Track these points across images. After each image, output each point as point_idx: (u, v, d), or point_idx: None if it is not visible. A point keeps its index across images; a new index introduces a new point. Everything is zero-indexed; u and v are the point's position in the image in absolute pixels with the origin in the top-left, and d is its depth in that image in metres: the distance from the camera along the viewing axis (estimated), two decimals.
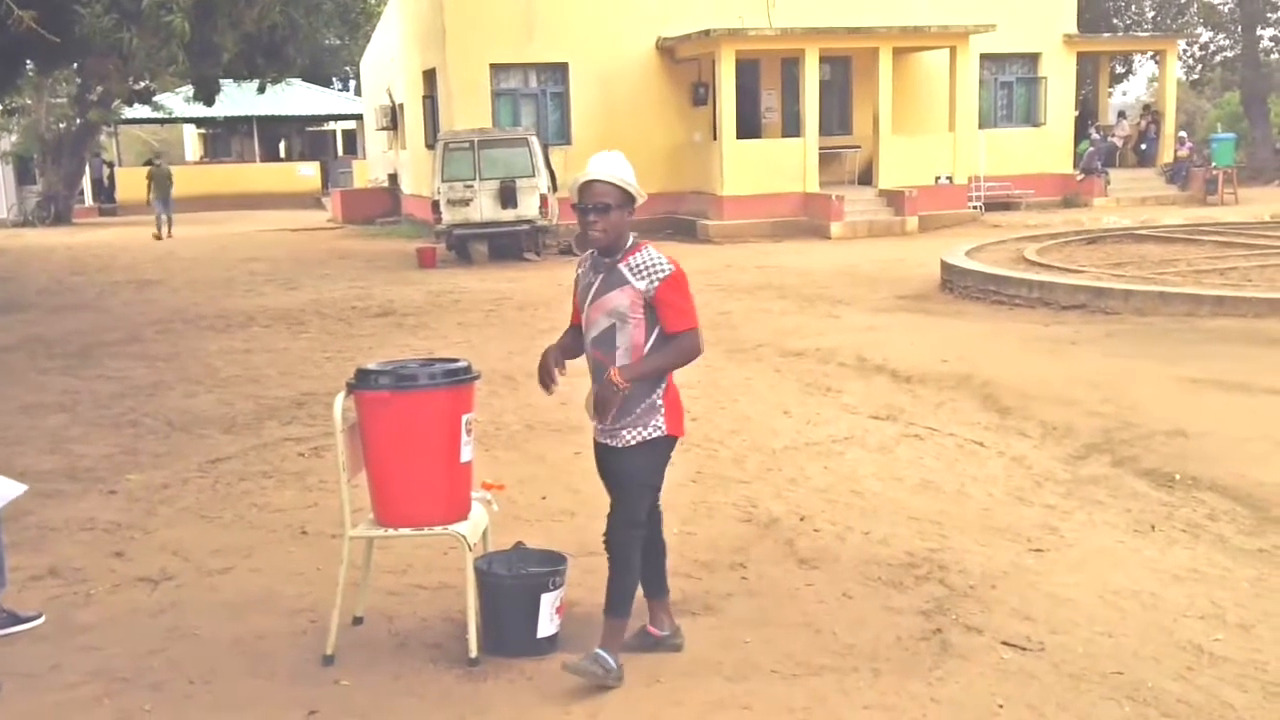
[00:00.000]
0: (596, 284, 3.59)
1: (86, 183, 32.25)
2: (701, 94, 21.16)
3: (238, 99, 28.06)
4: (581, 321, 3.67)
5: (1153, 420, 6.45)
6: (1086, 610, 4.08)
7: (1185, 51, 32.47)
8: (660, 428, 3.60)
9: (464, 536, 3.79)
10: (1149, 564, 4.53)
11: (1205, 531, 4.88)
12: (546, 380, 3.66)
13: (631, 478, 3.61)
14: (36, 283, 16.03)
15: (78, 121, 28.52)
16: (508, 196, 16.86)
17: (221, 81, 17.89)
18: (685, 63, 21.11)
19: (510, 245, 17.36)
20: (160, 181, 23.93)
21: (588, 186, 3.52)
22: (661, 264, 3.54)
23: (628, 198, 3.55)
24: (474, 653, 3.71)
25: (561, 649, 3.77)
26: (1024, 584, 4.34)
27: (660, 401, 3.61)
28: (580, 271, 3.69)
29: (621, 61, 20.77)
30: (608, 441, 3.66)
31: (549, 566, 3.90)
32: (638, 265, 3.54)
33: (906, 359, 8.49)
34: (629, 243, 3.59)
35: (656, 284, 3.51)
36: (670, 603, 3.91)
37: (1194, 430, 6.21)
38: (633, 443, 3.59)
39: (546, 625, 3.82)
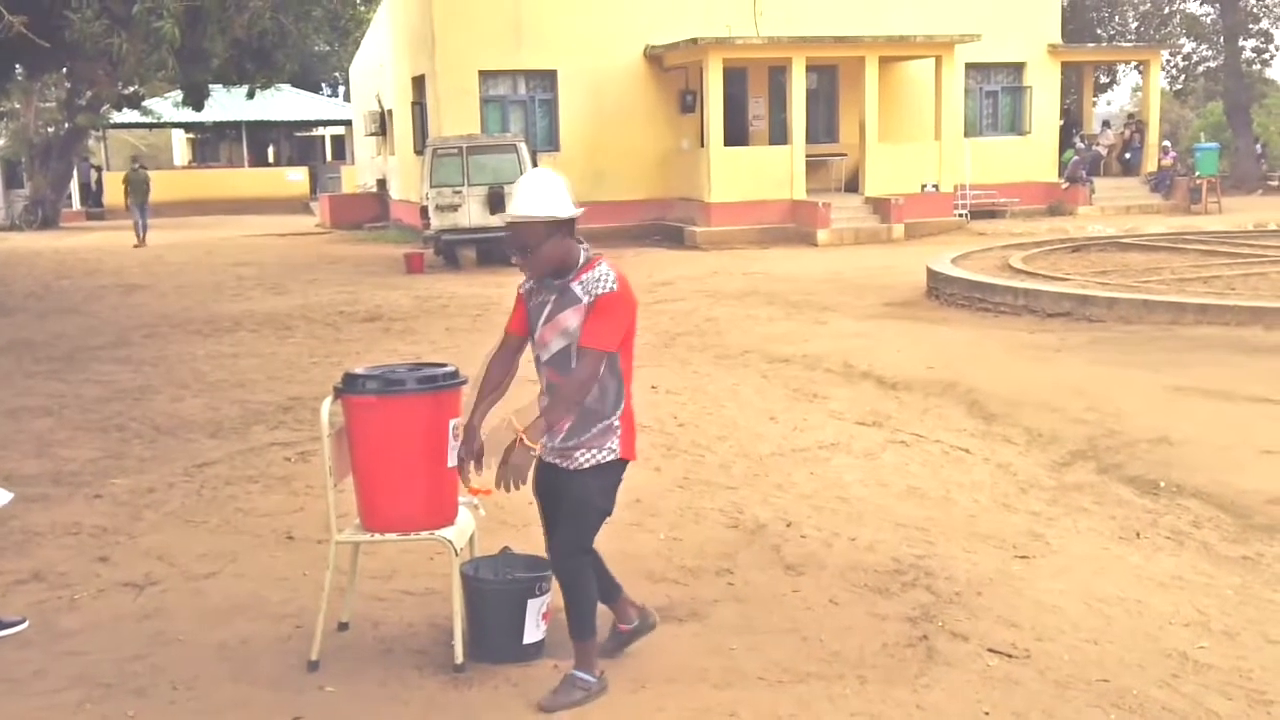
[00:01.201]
0: (550, 304, 3.45)
1: (74, 187, 32.12)
2: (689, 101, 21.22)
3: (227, 104, 27.92)
4: (524, 334, 3.54)
5: (1137, 427, 6.50)
6: (1072, 617, 4.10)
7: (1169, 62, 32.73)
8: (615, 450, 3.47)
9: (450, 541, 3.79)
10: (1134, 571, 4.56)
11: (1190, 539, 4.91)
12: (465, 471, 3.54)
13: (585, 503, 3.48)
14: (23, 287, 15.94)
15: (66, 126, 28.41)
16: (496, 202, 16.84)
17: (211, 87, 17.83)
18: (673, 70, 21.17)
19: (498, 251, 17.28)
20: (137, 186, 23.20)
21: (510, 227, 3.38)
22: (608, 280, 3.38)
23: (557, 224, 3.35)
24: (460, 659, 3.70)
25: (547, 655, 3.77)
26: (1010, 591, 4.36)
27: (618, 423, 3.48)
28: (530, 287, 3.53)
29: (610, 69, 20.82)
30: (557, 462, 3.52)
31: (535, 572, 3.89)
32: (589, 281, 3.39)
33: (893, 365, 8.52)
34: (580, 260, 3.41)
35: (595, 297, 3.37)
36: (625, 596, 3.80)
37: (1178, 437, 6.25)
38: (586, 466, 3.46)
39: (533, 631, 3.82)
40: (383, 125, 26.31)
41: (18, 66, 15.88)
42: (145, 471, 6.28)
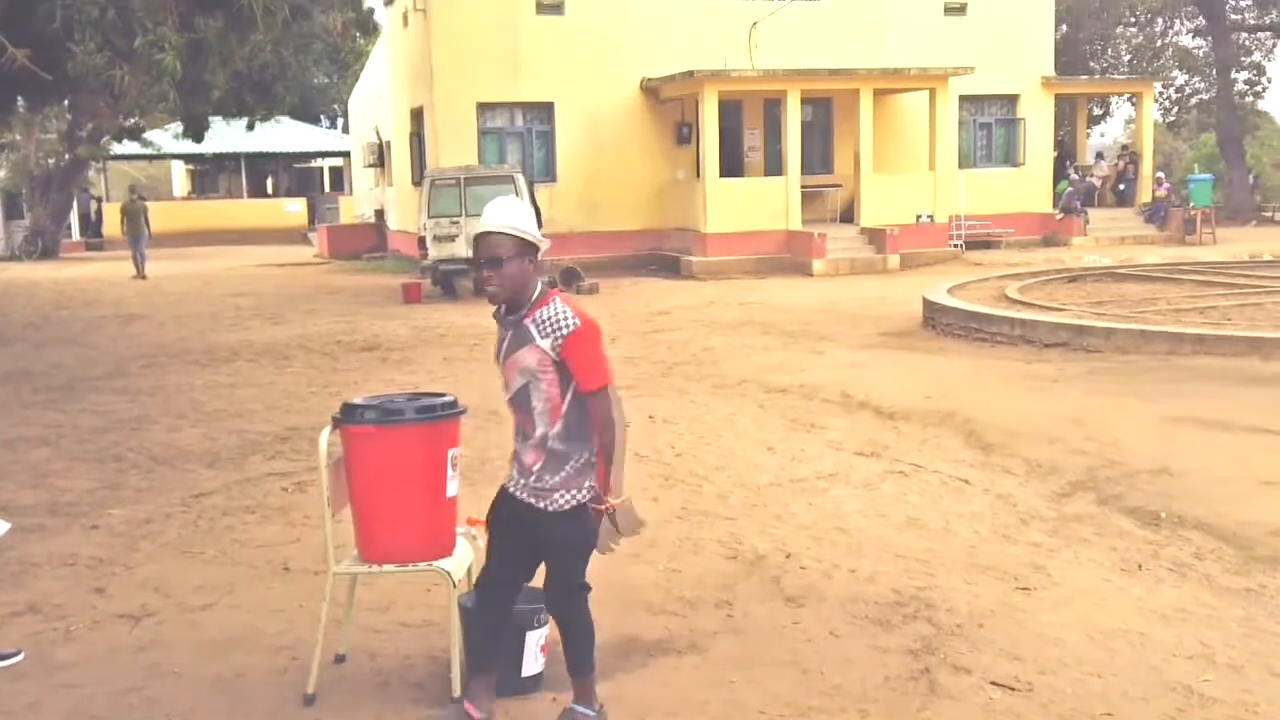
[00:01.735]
0: (507, 340, 3.37)
1: (74, 218, 32.22)
2: (685, 133, 21.37)
3: (226, 135, 28.06)
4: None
5: (1136, 458, 6.49)
6: (1075, 650, 4.08)
7: (1161, 94, 32.99)
8: (594, 488, 3.37)
9: (448, 573, 3.76)
10: (1137, 603, 4.54)
11: (1192, 570, 4.89)
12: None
13: (572, 545, 3.40)
14: (22, 317, 15.94)
15: (66, 157, 28.56)
16: None
17: (211, 118, 17.95)
18: (669, 103, 21.33)
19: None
20: (134, 217, 22.31)
21: (481, 239, 3.29)
22: (566, 318, 3.27)
23: (527, 247, 3.29)
24: (457, 692, 3.67)
25: (546, 688, 3.74)
26: (1011, 623, 4.33)
27: (594, 459, 3.38)
28: (497, 320, 3.45)
29: (606, 101, 20.98)
30: (532, 501, 3.40)
31: (534, 604, 3.87)
32: (543, 320, 3.28)
33: (890, 396, 8.53)
34: (535, 294, 3.32)
35: (561, 340, 3.26)
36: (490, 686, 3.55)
37: (1178, 468, 6.24)
38: (566, 507, 3.36)
39: (531, 664, 3.79)
40: (381, 157, 26.46)
41: (19, 98, 15.98)
42: (142, 502, 6.26)
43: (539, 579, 3.57)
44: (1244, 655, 4.01)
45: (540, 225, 13.55)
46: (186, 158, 38.15)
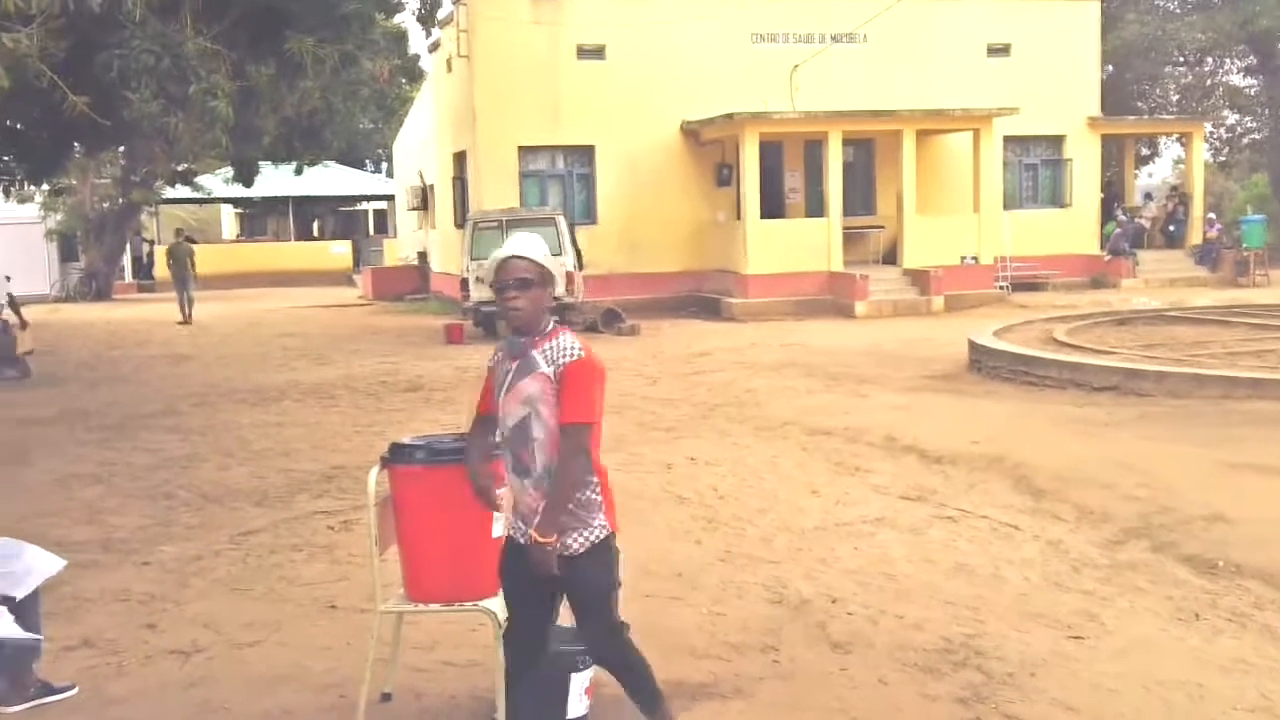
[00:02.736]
0: (512, 371, 3.37)
1: (127, 260, 32.98)
2: (725, 175, 21.48)
3: (274, 179, 28.75)
4: (495, 410, 3.43)
5: (1191, 505, 6.36)
6: (1131, 701, 3.98)
7: (1212, 134, 32.66)
8: (605, 525, 3.35)
9: (494, 613, 3.77)
10: (1194, 654, 4.43)
11: (1252, 620, 4.76)
12: (488, 500, 3.56)
13: (594, 590, 3.36)
14: (76, 356, 16.29)
15: (120, 201, 29.30)
16: None
17: (260, 163, 18.36)
18: (709, 144, 21.48)
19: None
20: (180, 260, 21.74)
21: (506, 263, 3.37)
22: (573, 348, 3.31)
23: (547, 276, 3.38)
24: None
25: None
26: (1065, 672, 4.24)
27: (598, 496, 3.35)
28: (497, 358, 3.46)
29: (647, 143, 21.17)
30: None
31: (579, 646, 3.86)
32: (551, 350, 3.32)
33: (936, 439, 8.43)
34: (546, 326, 3.38)
35: (562, 367, 3.28)
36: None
37: (1234, 515, 6.10)
38: (580, 550, 3.31)
39: (576, 706, 3.77)
40: (424, 200, 26.86)
41: (77, 144, 16.44)
42: (192, 539, 6.34)
43: (572, 623, 3.56)
44: None
45: (581, 266, 13.72)
46: (236, 201, 38.95)
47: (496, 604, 3.80)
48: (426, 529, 3.77)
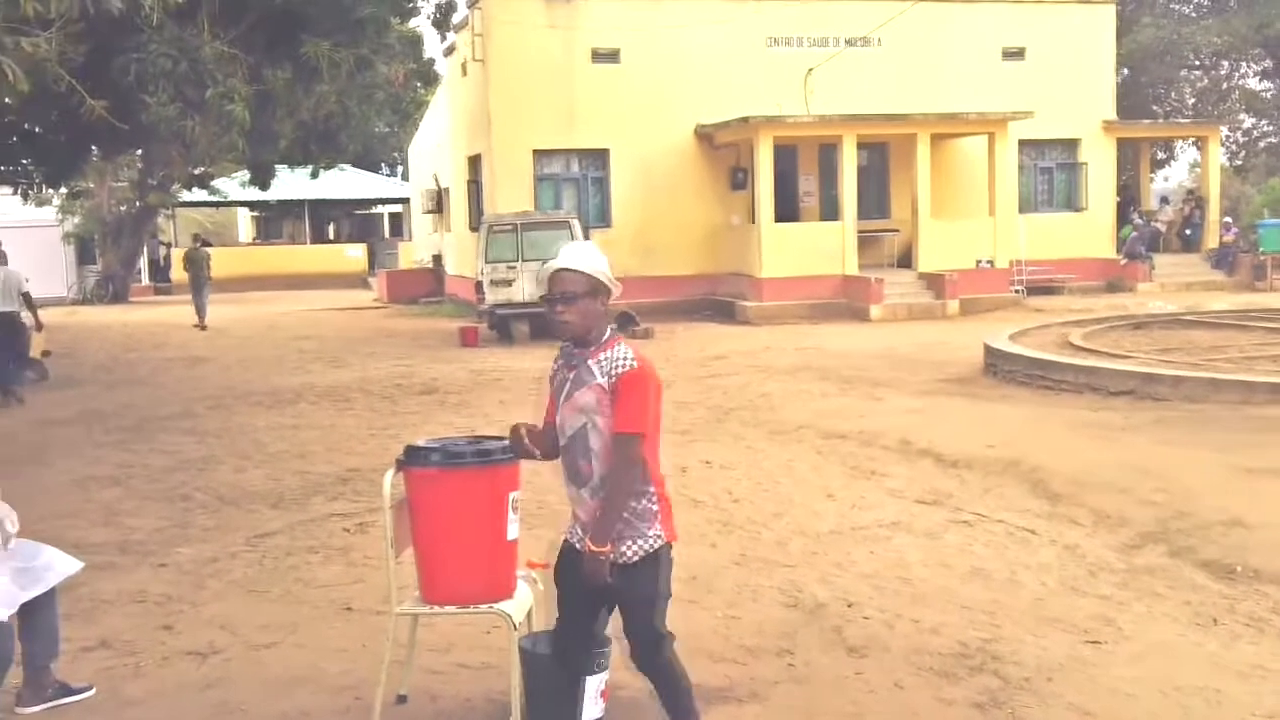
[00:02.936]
0: (569, 381, 3.38)
1: (144, 263, 33.19)
2: (740, 178, 21.47)
3: (290, 183, 28.90)
4: (555, 421, 3.45)
5: (1208, 509, 6.31)
6: (1148, 706, 3.96)
7: (1228, 137, 32.47)
8: (660, 535, 3.35)
9: (509, 615, 3.78)
10: (1212, 659, 4.40)
11: (1270, 626, 4.73)
12: (521, 448, 3.49)
13: (645, 598, 3.35)
14: (93, 359, 16.39)
15: (137, 204, 29.50)
16: None
17: (276, 167, 18.46)
18: (724, 148, 21.48)
19: (551, 325, 17.51)
20: (196, 265, 21.66)
21: (555, 276, 3.36)
22: (628, 359, 3.30)
23: (598, 287, 3.35)
24: None
25: None
26: (1082, 677, 4.22)
27: (655, 506, 3.35)
28: (555, 368, 3.49)
29: (661, 147, 21.18)
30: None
31: (594, 648, 3.86)
32: (606, 360, 3.32)
33: (952, 443, 8.40)
34: (604, 336, 3.37)
35: (616, 377, 3.28)
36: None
37: (1252, 520, 6.06)
38: (635, 559, 3.32)
39: (591, 708, 3.76)
40: (439, 203, 26.95)
41: (94, 148, 16.57)
42: (209, 541, 6.37)
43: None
44: None
45: None
46: (252, 204, 39.15)
47: (512, 606, 3.81)
48: (442, 531, 3.78)
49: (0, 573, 3.91)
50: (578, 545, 3.42)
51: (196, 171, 26.24)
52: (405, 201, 36.51)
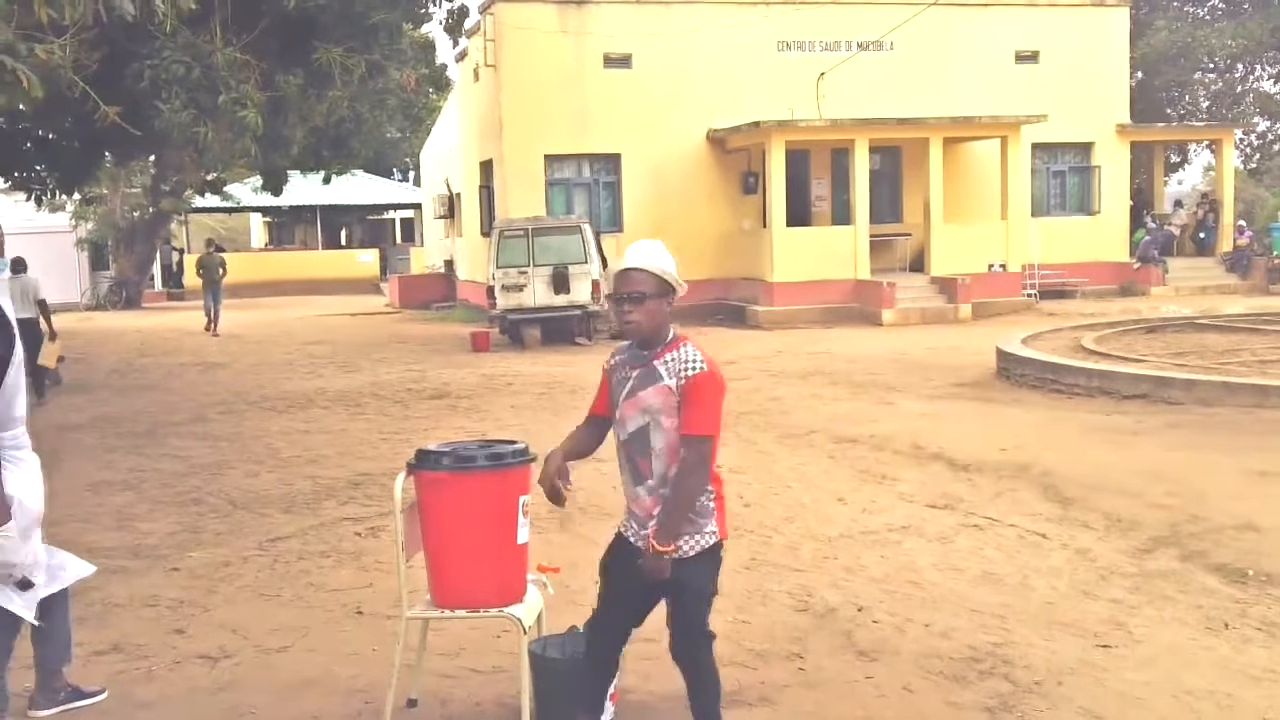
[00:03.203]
0: (632, 380, 3.38)
1: (157, 268, 33.36)
2: (751, 183, 21.47)
3: (302, 188, 29.03)
4: (609, 414, 3.48)
5: (1221, 514, 6.28)
6: (1158, 710, 3.94)
7: (1242, 140, 32.31)
8: (715, 532, 3.38)
9: (519, 619, 3.78)
10: (1224, 663, 4.38)
11: None
12: (555, 498, 3.47)
13: (701, 592, 3.38)
14: (107, 364, 16.49)
15: (150, 210, 29.67)
16: (560, 282, 17.14)
17: (289, 172, 18.53)
18: (735, 153, 21.48)
19: (562, 330, 17.57)
20: (210, 269, 21.51)
21: (623, 275, 3.36)
22: (696, 361, 3.31)
23: (666, 287, 3.34)
24: None
25: None
26: (1092, 681, 4.21)
27: (713, 505, 3.39)
28: (614, 362, 3.49)
29: (673, 152, 21.21)
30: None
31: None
32: (673, 361, 3.32)
33: (963, 447, 8.38)
34: (669, 336, 3.38)
35: (685, 380, 3.28)
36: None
37: (1265, 524, 6.03)
38: (690, 553, 3.34)
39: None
40: (451, 208, 27.03)
41: (108, 154, 16.68)
42: (220, 545, 6.40)
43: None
44: None
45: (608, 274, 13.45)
46: (264, 210, 39.36)
47: (522, 610, 3.82)
48: (452, 535, 3.79)
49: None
50: (633, 540, 3.43)
51: (209, 177, 26.34)
52: (417, 207, 36.64)
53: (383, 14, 11.58)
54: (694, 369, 3.30)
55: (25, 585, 3.69)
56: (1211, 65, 32.73)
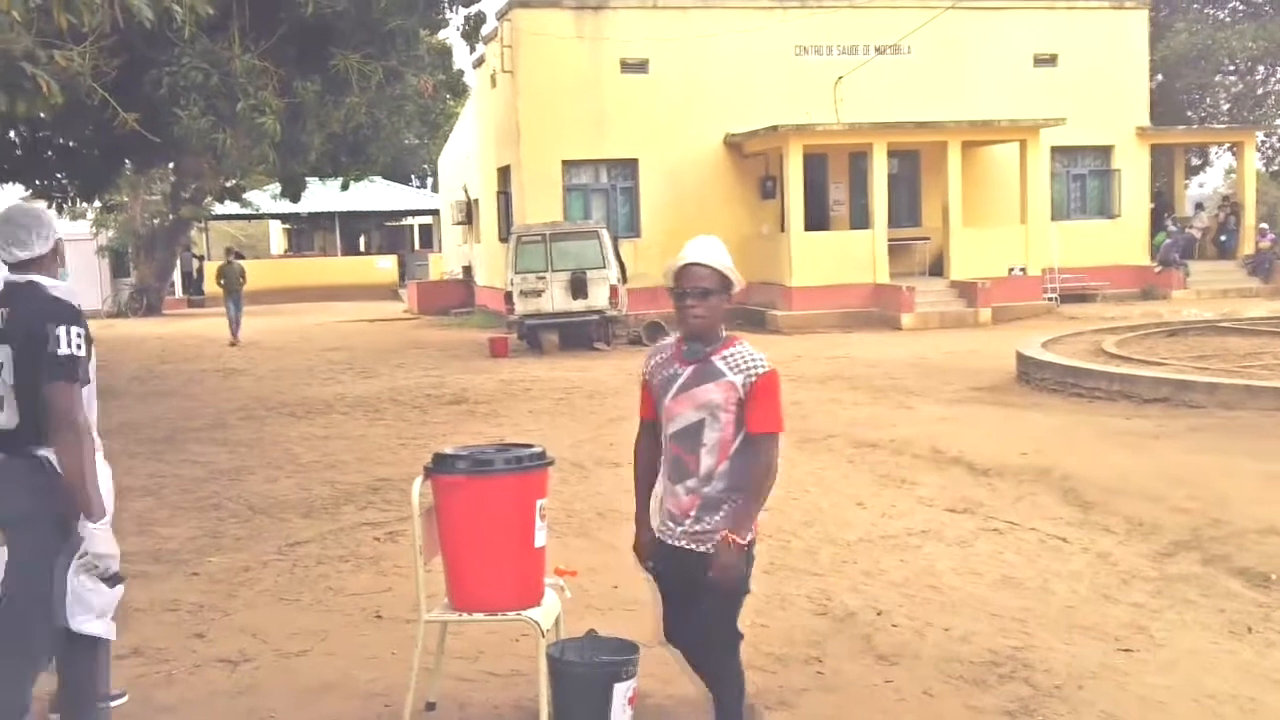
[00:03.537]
0: (685, 376, 3.38)
1: (177, 275, 33.62)
2: (769, 187, 21.45)
3: (321, 195, 29.17)
4: (657, 416, 3.48)
5: (1243, 517, 6.22)
6: (1180, 714, 3.91)
7: (1264, 143, 32.03)
8: (752, 530, 3.38)
9: (537, 623, 3.78)
10: (1246, 667, 4.33)
11: None
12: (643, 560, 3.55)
13: (728, 590, 3.36)
14: (128, 371, 16.61)
15: (170, 217, 29.91)
16: (578, 287, 17.17)
17: (307, 179, 18.62)
18: (753, 157, 21.47)
19: (580, 335, 17.59)
20: (231, 279, 21.47)
21: (686, 270, 3.35)
22: (760, 360, 3.36)
23: (726, 283, 3.37)
24: None
25: None
26: (1113, 685, 4.17)
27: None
28: (655, 362, 3.47)
29: (690, 156, 21.21)
30: (693, 547, 3.38)
31: (621, 656, 3.86)
32: (734, 358, 3.35)
33: (983, 451, 8.34)
34: (723, 334, 3.42)
35: (754, 378, 3.32)
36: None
37: None
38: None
39: (619, 715, 3.76)
40: (469, 214, 27.11)
41: (127, 161, 16.81)
42: (240, 550, 6.43)
43: (614, 633, 3.54)
44: None
45: (625, 279, 13.72)
46: (283, 217, 39.57)
47: (540, 613, 3.82)
48: (470, 539, 3.79)
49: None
50: (670, 541, 3.43)
51: (228, 184, 26.52)
52: (435, 213, 36.78)
53: (400, 20, 11.61)
54: (762, 367, 3.35)
55: (115, 580, 3.68)
56: (1232, 67, 32.47)
